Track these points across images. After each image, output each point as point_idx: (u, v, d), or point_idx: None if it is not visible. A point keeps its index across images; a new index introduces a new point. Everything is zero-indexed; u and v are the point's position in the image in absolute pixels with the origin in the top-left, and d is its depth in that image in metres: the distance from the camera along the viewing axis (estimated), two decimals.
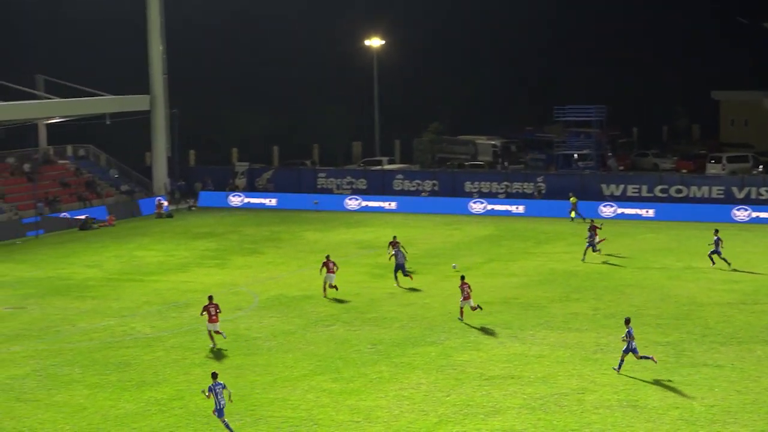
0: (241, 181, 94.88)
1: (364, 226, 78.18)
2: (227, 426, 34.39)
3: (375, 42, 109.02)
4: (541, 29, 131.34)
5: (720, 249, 59.57)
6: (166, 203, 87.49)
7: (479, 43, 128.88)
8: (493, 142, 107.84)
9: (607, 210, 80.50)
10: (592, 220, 67.06)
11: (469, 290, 48.32)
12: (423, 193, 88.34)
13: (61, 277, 61.64)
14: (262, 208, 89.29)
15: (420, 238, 71.84)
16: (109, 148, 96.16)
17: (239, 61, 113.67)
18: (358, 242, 70.93)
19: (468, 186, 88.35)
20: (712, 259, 59.75)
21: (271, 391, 38.68)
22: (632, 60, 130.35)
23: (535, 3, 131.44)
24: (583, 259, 62.36)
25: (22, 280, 61.03)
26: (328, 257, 54.34)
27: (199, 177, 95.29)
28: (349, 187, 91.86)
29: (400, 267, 56.06)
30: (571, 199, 79.67)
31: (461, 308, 48.79)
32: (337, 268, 53.88)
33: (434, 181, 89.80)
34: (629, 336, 40.03)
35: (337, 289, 53.82)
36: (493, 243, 70.34)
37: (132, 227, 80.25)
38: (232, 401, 35.20)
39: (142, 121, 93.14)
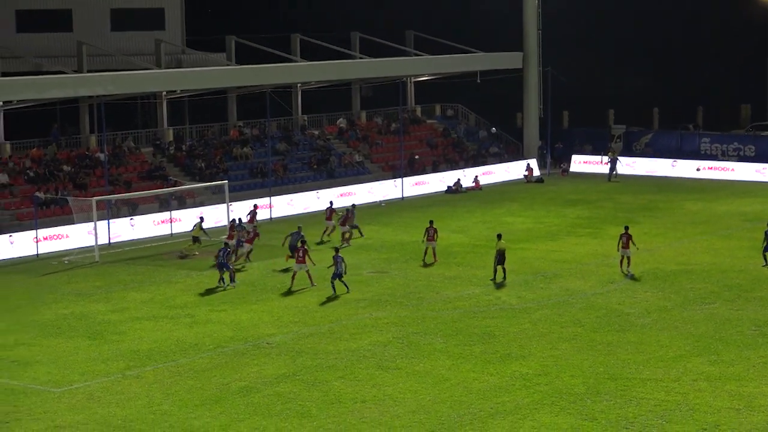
0: (617, 145, 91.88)
1: (752, 197, 73.77)
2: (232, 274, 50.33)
3: None
4: None
5: None
6: (535, 167, 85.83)
7: None
8: None
9: None
10: None
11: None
12: None
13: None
14: (638, 174, 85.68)
15: None
16: (479, 108, 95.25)
17: (618, 16, 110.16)
18: (743, 214, 66.98)
19: None
20: None
21: (643, 371, 36.61)
22: None
23: None
24: None
25: (385, 244, 60.91)
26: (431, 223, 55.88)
27: (573, 139, 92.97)
28: (735, 153, 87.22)
29: None
30: None
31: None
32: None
33: None
34: None
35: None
36: None
37: (500, 192, 78.93)
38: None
39: (513, 79, 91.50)
